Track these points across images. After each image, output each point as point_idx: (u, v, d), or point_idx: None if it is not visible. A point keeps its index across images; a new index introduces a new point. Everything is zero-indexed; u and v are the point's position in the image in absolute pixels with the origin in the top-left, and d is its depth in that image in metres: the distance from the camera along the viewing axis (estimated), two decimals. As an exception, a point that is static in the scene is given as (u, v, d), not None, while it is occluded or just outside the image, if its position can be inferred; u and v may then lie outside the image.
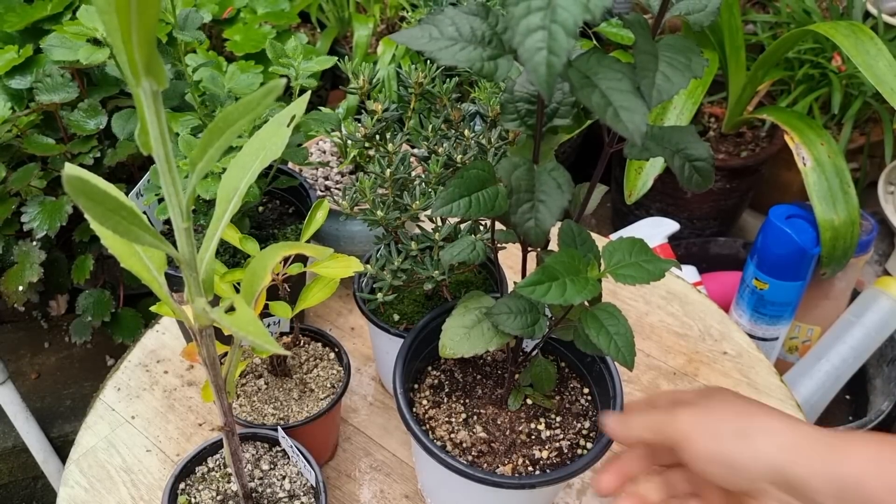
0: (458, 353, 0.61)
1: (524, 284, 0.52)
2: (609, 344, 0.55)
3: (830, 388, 1.34)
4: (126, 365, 0.92)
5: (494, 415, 0.70)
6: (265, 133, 0.49)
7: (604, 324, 0.56)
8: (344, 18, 1.74)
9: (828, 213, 1.28)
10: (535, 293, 0.51)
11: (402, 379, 0.68)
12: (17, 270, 1.06)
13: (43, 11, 1.12)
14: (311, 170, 1.02)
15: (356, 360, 0.92)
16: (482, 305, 0.63)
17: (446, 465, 0.62)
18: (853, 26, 1.23)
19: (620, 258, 0.55)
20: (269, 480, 0.68)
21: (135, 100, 0.38)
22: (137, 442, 0.84)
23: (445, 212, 0.52)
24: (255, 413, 0.75)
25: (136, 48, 0.34)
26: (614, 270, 0.55)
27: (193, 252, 0.45)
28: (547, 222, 0.50)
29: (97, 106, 1.06)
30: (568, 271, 0.53)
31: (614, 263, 0.55)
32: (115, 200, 0.37)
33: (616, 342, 0.55)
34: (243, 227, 0.85)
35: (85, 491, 0.79)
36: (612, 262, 0.55)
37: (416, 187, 0.73)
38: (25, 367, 1.37)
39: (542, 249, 0.62)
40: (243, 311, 0.43)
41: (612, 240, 0.57)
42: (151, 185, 0.84)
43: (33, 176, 1.03)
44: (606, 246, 0.56)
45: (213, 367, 0.53)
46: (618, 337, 0.55)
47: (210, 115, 0.84)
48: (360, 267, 0.68)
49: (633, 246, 0.56)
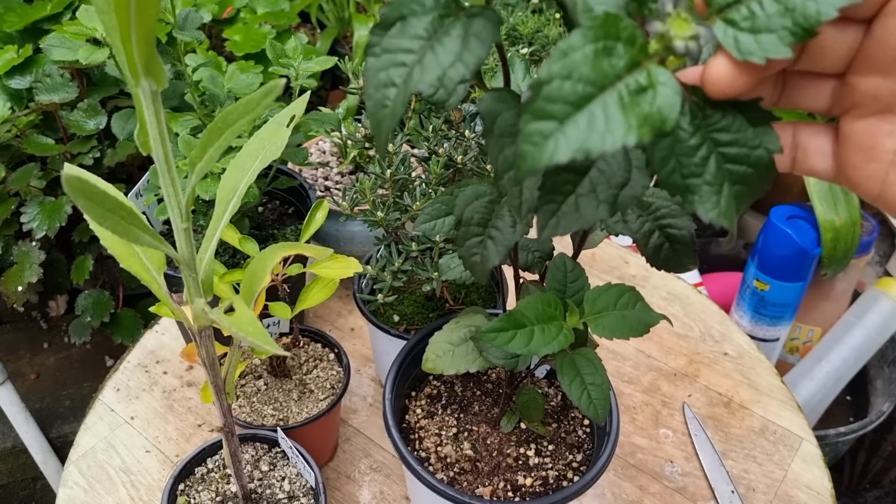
0: (439, 369, 0.59)
1: (486, 330, 0.49)
2: (581, 394, 0.51)
3: (831, 389, 1.33)
4: (125, 366, 0.92)
5: (486, 434, 0.68)
6: (265, 133, 0.48)
7: (580, 371, 0.52)
8: (344, 18, 1.74)
9: (829, 213, 1.28)
10: (497, 341, 0.49)
11: (393, 384, 0.67)
12: (16, 271, 1.06)
13: (42, 11, 1.11)
14: (310, 170, 1.02)
15: (356, 361, 0.92)
16: (473, 324, 0.60)
17: (419, 479, 0.60)
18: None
19: (604, 306, 0.52)
20: (268, 481, 0.68)
21: (134, 100, 0.38)
22: (137, 443, 0.83)
23: (428, 229, 0.51)
24: (254, 414, 0.75)
25: (136, 48, 0.34)
26: (594, 319, 0.52)
27: (193, 252, 0.45)
28: (492, 261, 0.47)
29: (97, 106, 1.06)
30: (539, 318, 0.50)
31: (596, 311, 0.52)
32: (115, 201, 0.37)
33: (590, 393, 0.51)
34: (243, 227, 0.85)
35: (84, 492, 0.78)
36: (594, 310, 0.52)
37: (417, 188, 0.73)
38: (25, 367, 1.37)
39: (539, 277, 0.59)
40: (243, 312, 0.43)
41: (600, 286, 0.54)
42: (151, 186, 0.84)
43: (33, 176, 1.03)
44: (591, 291, 0.53)
45: (213, 367, 0.53)
46: (592, 388, 0.51)
47: (209, 115, 0.83)
48: (360, 268, 0.67)
49: (620, 294, 0.53)
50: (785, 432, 0.87)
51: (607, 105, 0.29)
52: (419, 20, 0.34)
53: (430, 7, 0.35)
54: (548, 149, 0.29)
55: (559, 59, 0.29)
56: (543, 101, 0.29)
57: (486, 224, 0.47)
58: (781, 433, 0.87)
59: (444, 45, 0.34)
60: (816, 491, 0.81)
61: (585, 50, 0.29)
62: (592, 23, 0.29)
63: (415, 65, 0.34)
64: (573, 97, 0.29)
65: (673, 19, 0.30)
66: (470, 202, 0.48)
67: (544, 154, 0.28)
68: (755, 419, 0.88)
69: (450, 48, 0.34)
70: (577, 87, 0.29)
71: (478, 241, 0.47)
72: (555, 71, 0.29)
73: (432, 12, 0.35)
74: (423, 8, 0.35)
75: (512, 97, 0.39)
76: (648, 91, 0.29)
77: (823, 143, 0.37)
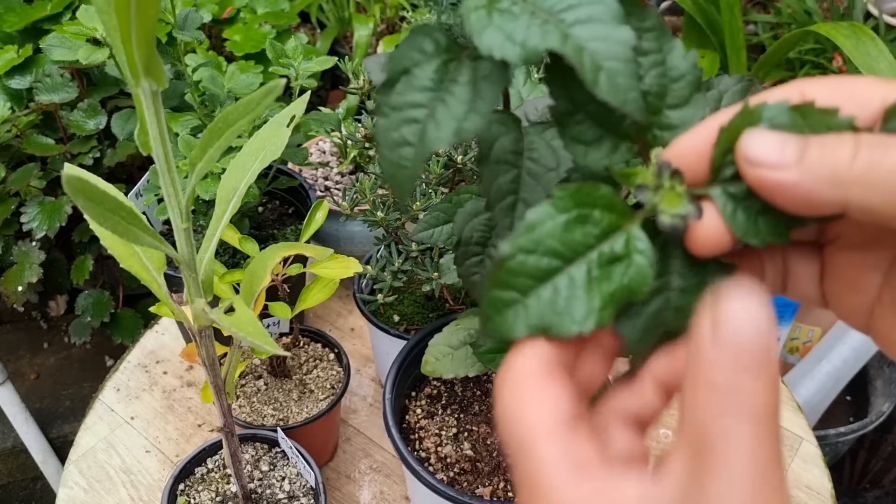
0: (437, 372, 0.59)
1: (485, 351, 0.49)
2: None
3: (831, 389, 1.33)
4: (125, 366, 0.92)
5: (486, 434, 0.68)
6: (265, 133, 0.48)
7: None
8: (344, 18, 1.74)
9: (828, 213, 1.28)
10: (495, 363, 0.48)
11: (393, 384, 0.67)
12: (16, 271, 1.06)
13: (42, 11, 1.11)
14: (310, 170, 1.02)
15: (356, 361, 0.92)
16: (473, 326, 0.60)
17: (419, 479, 0.60)
18: (854, 27, 1.23)
19: None
20: (268, 481, 0.68)
21: (134, 100, 0.38)
22: (137, 443, 0.83)
23: (425, 237, 0.50)
24: (254, 414, 0.75)
25: (136, 48, 0.33)
26: None
27: (193, 252, 0.45)
28: None
29: (97, 106, 1.06)
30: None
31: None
32: (115, 201, 0.37)
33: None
34: (243, 227, 0.85)
35: (84, 492, 0.78)
36: None
37: (417, 188, 0.73)
38: (25, 367, 1.37)
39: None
40: (243, 312, 0.43)
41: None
42: (151, 186, 0.84)
43: (33, 176, 1.03)
44: None
45: (213, 367, 0.53)
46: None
47: (210, 115, 0.83)
48: (360, 268, 0.67)
49: None
50: (785, 432, 0.87)
51: (573, 279, 0.28)
52: (423, 70, 0.33)
53: (431, 53, 0.33)
54: (507, 319, 0.28)
55: (525, 232, 0.28)
56: (506, 273, 0.28)
57: (485, 243, 0.47)
58: (781, 433, 0.86)
59: (454, 95, 0.32)
60: (816, 491, 0.81)
61: (557, 220, 0.28)
62: (564, 192, 0.28)
63: (428, 120, 0.32)
64: (537, 272, 0.28)
65: (665, 192, 0.28)
66: (469, 220, 0.47)
67: (504, 323, 0.28)
68: (755, 419, 0.88)
69: (460, 97, 0.32)
70: (541, 260, 0.28)
71: (477, 260, 0.47)
72: (519, 244, 0.28)
73: (435, 59, 0.33)
74: (425, 56, 0.33)
75: (511, 120, 0.38)
76: (623, 261, 0.28)
77: (812, 270, 0.35)
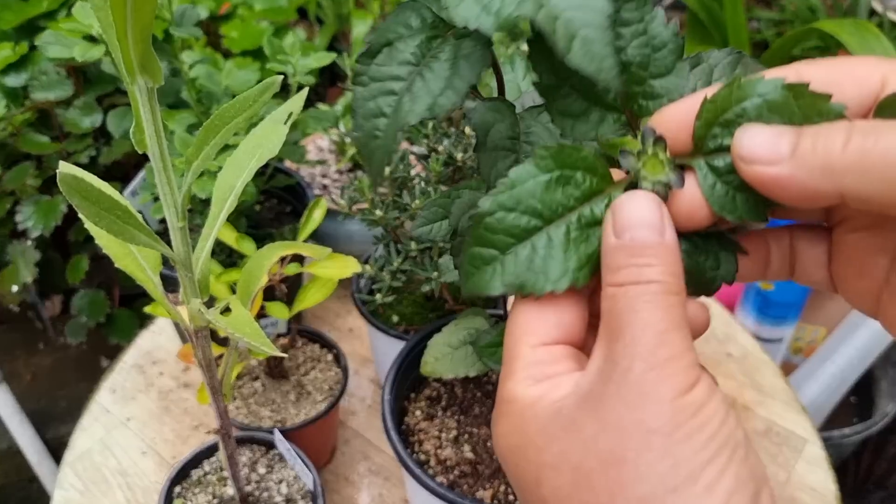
0: (437, 372, 0.58)
1: (485, 346, 0.49)
2: None
3: (836, 389, 1.33)
4: (121, 366, 0.91)
5: (486, 436, 0.68)
6: (262, 131, 0.48)
7: None
8: (342, 14, 1.74)
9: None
10: (496, 357, 0.49)
11: (392, 385, 0.66)
12: (11, 270, 1.06)
13: (38, 8, 1.11)
14: (308, 168, 1.01)
15: (354, 362, 0.92)
16: (473, 327, 0.60)
17: (419, 482, 0.59)
18: (858, 24, 1.23)
19: None
20: (265, 484, 0.67)
21: (130, 97, 0.38)
22: (133, 444, 0.83)
23: (424, 233, 0.50)
24: (251, 416, 0.74)
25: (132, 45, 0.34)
26: None
27: (189, 252, 0.45)
28: None
29: (92, 104, 1.06)
30: None
31: None
32: (110, 199, 0.37)
33: None
34: (240, 226, 0.84)
35: (80, 493, 0.78)
36: None
37: (416, 186, 0.72)
38: (20, 368, 1.36)
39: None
40: (239, 312, 0.43)
41: None
42: (147, 184, 0.83)
43: (28, 175, 1.03)
44: None
45: (209, 369, 0.52)
46: None
47: (206, 112, 0.83)
48: (359, 267, 0.67)
49: None
50: (789, 434, 0.86)
51: (552, 239, 0.28)
52: (406, 44, 0.33)
53: (417, 29, 0.33)
54: (485, 276, 0.28)
55: (506, 189, 0.28)
56: (484, 230, 0.28)
57: None
58: (786, 435, 0.86)
59: (433, 71, 0.33)
60: (821, 493, 0.80)
61: (538, 180, 0.28)
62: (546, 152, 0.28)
63: (404, 93, 0.32)
64: (516, 230, 0.28)
65: (648, 159, 0.28)
66: (465, 211, 0.47)
67: (483, 280, 0.28)
68: (759, 421, 0.87)
69: (439, 73, 0.32)
70: (521, 219, 0.28)
71: None
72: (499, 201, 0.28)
73: (419, 35, 0.33)
74: (409, 31, 0.33)
75: (506, 107, 0.38)
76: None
77: (820, 253, 0.35)
